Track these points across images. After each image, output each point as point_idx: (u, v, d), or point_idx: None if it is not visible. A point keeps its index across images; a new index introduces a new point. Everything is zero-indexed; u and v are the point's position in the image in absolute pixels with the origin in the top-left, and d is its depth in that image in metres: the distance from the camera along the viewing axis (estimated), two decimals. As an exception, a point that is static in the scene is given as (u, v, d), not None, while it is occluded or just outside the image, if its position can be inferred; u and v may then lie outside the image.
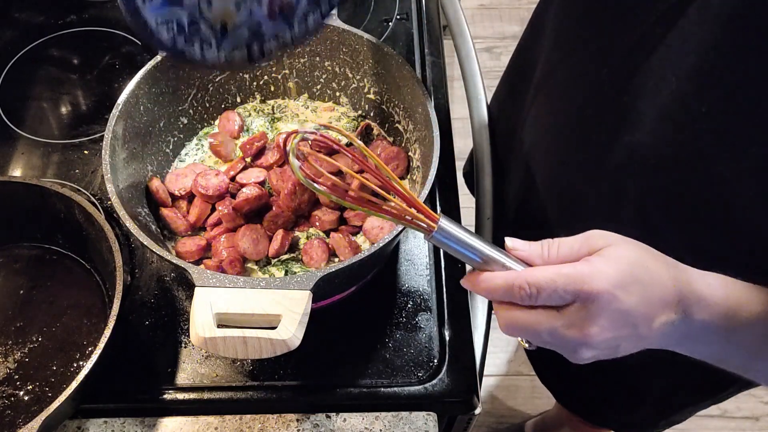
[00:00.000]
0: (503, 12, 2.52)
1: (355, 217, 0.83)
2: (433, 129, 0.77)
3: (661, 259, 0.53)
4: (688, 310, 0.52)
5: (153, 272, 0.85)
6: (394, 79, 0.85)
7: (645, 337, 0.52)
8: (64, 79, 1.03)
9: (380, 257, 0.81)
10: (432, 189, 0.89)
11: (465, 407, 0.78)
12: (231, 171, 0.86)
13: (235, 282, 0.65)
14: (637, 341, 0.53)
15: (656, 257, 0.53)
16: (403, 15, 1.10)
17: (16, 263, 0.84)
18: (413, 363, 0.78)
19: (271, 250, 0.80)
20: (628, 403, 0.99)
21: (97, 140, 0.96)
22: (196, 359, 0.78)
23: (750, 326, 0.54)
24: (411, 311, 0.82)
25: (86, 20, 1.10)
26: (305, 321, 0.63)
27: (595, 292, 0.49)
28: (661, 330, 0.52)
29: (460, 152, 0.98)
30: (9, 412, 0.73)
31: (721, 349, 0.56)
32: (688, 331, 0.53)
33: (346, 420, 0.76)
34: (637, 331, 0.51)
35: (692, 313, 0.53)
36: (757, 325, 0.54)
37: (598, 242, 0.52)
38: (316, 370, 0.78)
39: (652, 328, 0.52)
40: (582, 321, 0.50)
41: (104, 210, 0.88)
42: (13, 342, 0.78)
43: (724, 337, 0.54)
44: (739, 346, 0.55)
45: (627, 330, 0.51)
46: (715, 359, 0.57)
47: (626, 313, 0.50)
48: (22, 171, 0.94)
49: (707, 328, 0.53)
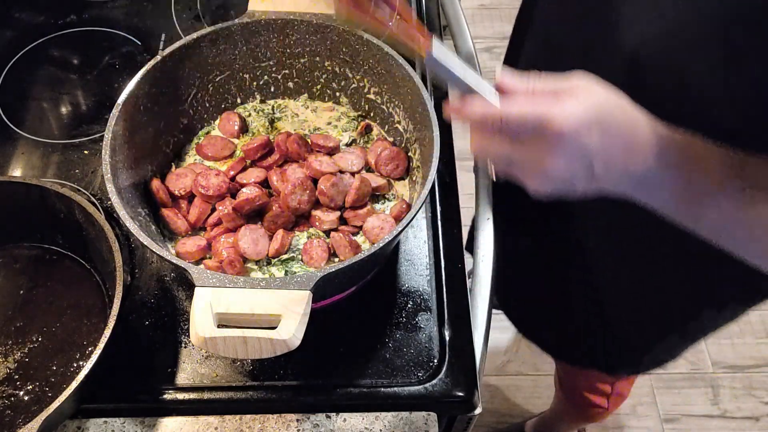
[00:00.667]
0: (503, 12, 2.52)
1: (355, 217, 0.83)
2: (433, 129, 0.77)
3: (640, 110, 0.57)
4: (662, 157, 0.56)
5: (153, 272, 0.85)
6: (394, 79, 0.85)
7: (599, 178, 0.56)
8: (64, 79, 1.03)
9: (380, 257, 0.81)
10: (432, 189, 0.89)
11: (465, 407, 0.78)
12: (231, 171, 0.86)
13: (235, 282, 0.65)
14: (591, 180, 0.56)
15: (635, 106, 0.56)
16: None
17: (16, 263, 0.84)
18: (413, 363, 0.78)
19: (271, 250, 0.80)
20: (613, 344, 1.01)
21: (97, 140, 0.96)
22: (196, 359, 0.78)
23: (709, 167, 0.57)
24: (411, 311, 0.82)
25: (86, 20, 1.10)
26: (305, 321, 0.63)
27: (557, 132, 0.53)
28: (627, 174, 0.56)
29: (460, 152, 0.98)
30: (9, 412, 0.73)
31: (680, 195, 0.58)
32: (653, 179, 0.57)
33: (346, 420, 0.76)
34: (593, 171, 0.55)
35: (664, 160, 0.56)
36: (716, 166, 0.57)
37: (578, 82, 0.55)
38: (316, 370, 0.78)
39: (610, 170, 0.55)
40: (542, 155, 0.54)
41: (104, 210, 0.88)
42: (13, 342, 0.78)
43: (686, 180, 0.57)
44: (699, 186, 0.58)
45: (582, 169, 0.55)
46: (673, 209, 0.60)
47: (584, 151, 0.54)
48: (22, 171, 0.94)
49: (671, 173, 0.57)
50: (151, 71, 0.81)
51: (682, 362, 1.81)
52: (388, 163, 0.87)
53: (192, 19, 1.10)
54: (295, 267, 0.80)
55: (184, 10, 1.11)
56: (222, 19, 0.97)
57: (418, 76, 0.81)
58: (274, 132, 0.92)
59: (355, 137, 0.92)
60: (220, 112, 0.93)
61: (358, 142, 0.92)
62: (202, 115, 0.92)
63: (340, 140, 0.91)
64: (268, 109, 0.95)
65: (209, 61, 0.88)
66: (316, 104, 0.96)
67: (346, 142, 0.91)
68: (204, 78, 0.89)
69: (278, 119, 0.94)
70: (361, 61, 0.88)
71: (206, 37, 0.85)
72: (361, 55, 0.88)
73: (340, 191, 0.83)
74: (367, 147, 0.91)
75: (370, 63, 0.88)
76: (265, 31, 0.88)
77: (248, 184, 0.83)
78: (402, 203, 0.85)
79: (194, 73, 0.88)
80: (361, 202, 0.83)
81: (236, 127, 0.91)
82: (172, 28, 1.08)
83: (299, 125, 0.94)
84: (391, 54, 0.84)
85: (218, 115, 0.93)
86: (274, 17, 0.87)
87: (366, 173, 0.87)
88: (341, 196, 0.83)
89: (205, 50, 0.86)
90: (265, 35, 0.88)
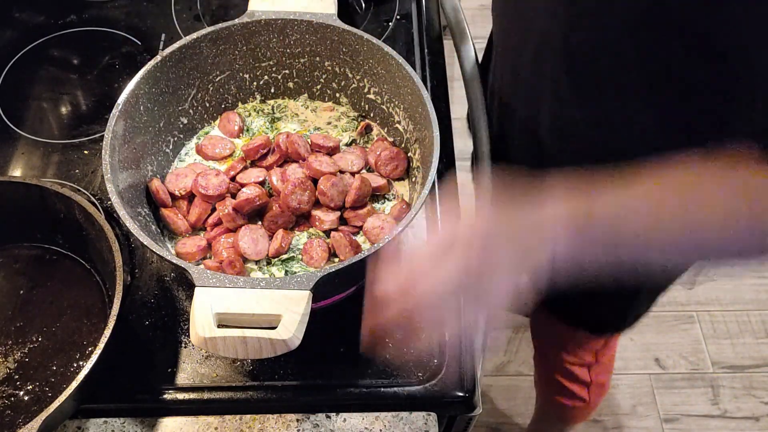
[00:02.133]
0: (503, 12, 2.51)
1: (355, 217, 0.83)
2: (433, 129, 0.77)
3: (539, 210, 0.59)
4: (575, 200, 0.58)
5: (153, 272, 0.85)
6: (394, 79, 0.85)
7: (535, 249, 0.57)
8: (64, 79, 1.03)
9: (380, 257, 0.81)
10: (432, 189, 0.89)
11: (465, 407, 0.78)
12: (231, 171, 0.86)
13: (235, 282, 0.65)
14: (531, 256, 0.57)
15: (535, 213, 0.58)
16: (403, 15, 1.10)
17: (16, 263, 0.84)
18: (413, 363, 0.78)
19: (271, 250, 0.80)
20: (601, 304, 1.03)
21: (97, 140, 0.96)
22: (196, 359, 0.78)
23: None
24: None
25: (86, 20, 1.10)
26: (305, 321, 0.63)
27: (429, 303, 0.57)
28: (556, 228, 0.57)
29: (460, 152, 0.98)
30: (9, 412, 0.73)
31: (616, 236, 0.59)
32: (585, 222, 0.58)
33: (346, 420, 0.76)
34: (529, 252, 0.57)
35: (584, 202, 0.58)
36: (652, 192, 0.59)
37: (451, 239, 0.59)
38: (316, 370, 0.78)
39: (542, 237, 0.57)
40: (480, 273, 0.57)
41: (104, 210, 0.88)
42: (13, 342, 0.78)
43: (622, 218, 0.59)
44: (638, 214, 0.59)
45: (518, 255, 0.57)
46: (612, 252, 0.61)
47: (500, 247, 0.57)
48: (22, 171, 0.94)
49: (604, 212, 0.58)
50: (151, 71, 0.81)
51: (682, 362, 1.81)
52: (388, 163, 0.87)
53: (192, 19, 1.10)
54: (295, 267, 0.80)
55: (184, 10, 1.11)
56: (222, 19, 0.97)
57: (418, 76, 0.81)
58: (274, 132, 0.92)
59: (355, 137, 0.92)
60: (220, 112, 0.93)
61: (358, 142, 0.92)
62: (202, 115, 0.92)
63: (340, 140, 0.91)
64: (268, 109, 0.95)
65: (209, 61, 0.88)
66: (316, 104, 0.96)
67: (346, 142, 0.91)
68: (204, 78, 0.89)
69: (278, 119, 0.94)
70: (361, 61, 0.88)
71: (206, 37, 0.85)
72: (361, 55, 0.88)
73: (340, 191, 0.83)
74: (367, 147, 0.91)
75: (370, 63, 0.88)
76: (265, 31, 0.88)
77: (248, 184, 0.83)
78: (402, 203, 0.85)
79: (194, 73, 0.88)
80: (361, 202, 0.83)
81: (236, 127, 0.91)
82: (172, 28, 1.08)
83: (299, 125, 0.94)
84: (391, 54, 0.83)
85: (218, 115, 0.93)
86: (274, 17, 0.87)
87: (366, 173, 0.87)
88: (341, 196, 0.83)
89: (205, 50, 0.86)
90: (265, 35, 0.88)
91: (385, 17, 1.10)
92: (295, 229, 0.83)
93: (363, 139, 0.92)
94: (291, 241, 0.82)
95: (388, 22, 1.09)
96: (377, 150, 0.89)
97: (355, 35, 0.86)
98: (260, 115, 0.94)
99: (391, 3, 1.12)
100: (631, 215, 0.58)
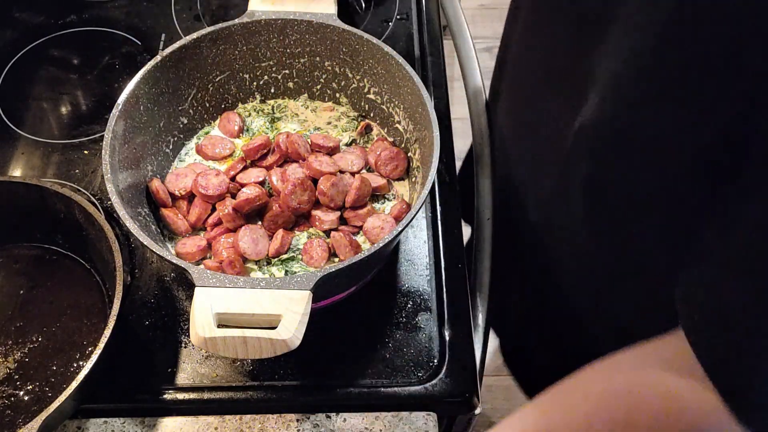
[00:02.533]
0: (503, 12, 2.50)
1: (355, 217, 0.83)
2: (433, 129, 0.77)
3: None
4: None
5: (153, 272, 0.85)
6: (394, 79, 0.85)
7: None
8: (64, 79, 1.03)
9: (380, 257, 0.81)
10: (432, 189, 0.89)
11: (465, 407, 0.78)
12: (231, 171, 0.86)
13: (235, 282, 0.65)
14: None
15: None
16: (403, 15, 1.10)
17: (16, 263, 0.84)
18: (413, 363, 0.78)
19: (271, 250, 0.80)
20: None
21: (97, 140, 0.96)
22: (196, 359, 0.78)
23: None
24: (411, 311, 0.82)
25: (86, 20, 1.10)
26: (305, 321, 0.63)
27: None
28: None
29: (460, 152, 0.98)
30: (9, 412, 0.73)
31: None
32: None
33: (346, 420, 0.76)
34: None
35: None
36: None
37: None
38: (316, 370, 0.78)
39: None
40: None
41: (104, 210, 0.89)
42: (13, 342, 0.78)
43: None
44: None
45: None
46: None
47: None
48: (22, 171, 0.94)
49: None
50: (151, 71, 0.81)
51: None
52: (388, 163, 0.87)
53: (192, 19, 1.10)
54: (295, 267, 0.80)
55: (184, 10, 1.11)
56: (222, 19, 0.97)
57: (418, 76, 0.81)
58: (274, 132, 0.92)
59: (355, 137, 0.92)
60: (220, 112, 0.93)
61: (358, 142, 0.92)
62: (202, 115, 0.92)
63: (340, 140, 0.91)
64: (268, 109, 0.95)
65: (209, 61, 0.88)
66: (316, 104, 0.96)
67: (346, 142, 0.91)
68: (204, 78, 0.89)
69: (278, 119, 0.94)
70: (361, 61, 0.88)
71: (206, 37, 0.85)
72: (361, 55, 0.88)
73: (340, 191, 0.83)
74: (367, 147, 0.91)
75: (370, 63, 0.88)
76: (265, 31, 0.88)
77: (248, 184, 0.83)
78: (402, 203, 0.85)
79: (194, 73, 0.88)
80: (361, 202, 0.83)
81: (236, 127, 0.91)
82: (172, 28, 1.08)
83: (299, 125, 0.94)
84: (391, 54, 0.83)
85: (218, 115, 0.93)
86: (274, 17, 0.87)
87: (366, 173, 0.87)
88: (341, 196, 0.83)
89: (205, 50, 0.86)
90: (265, 35, 0.88)
91: (385, 17, 1.10)
92: (295, 229, 0.83)
93: (363, 139, 0.92)
94: (291, 241, 0.82)
95: (388, 22, 1.09)
96: (377, 150, 0.89)
97: (355, 35, 0.86)
98: (260, 115, 0.94)
99: (391, 3, 1.12)
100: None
